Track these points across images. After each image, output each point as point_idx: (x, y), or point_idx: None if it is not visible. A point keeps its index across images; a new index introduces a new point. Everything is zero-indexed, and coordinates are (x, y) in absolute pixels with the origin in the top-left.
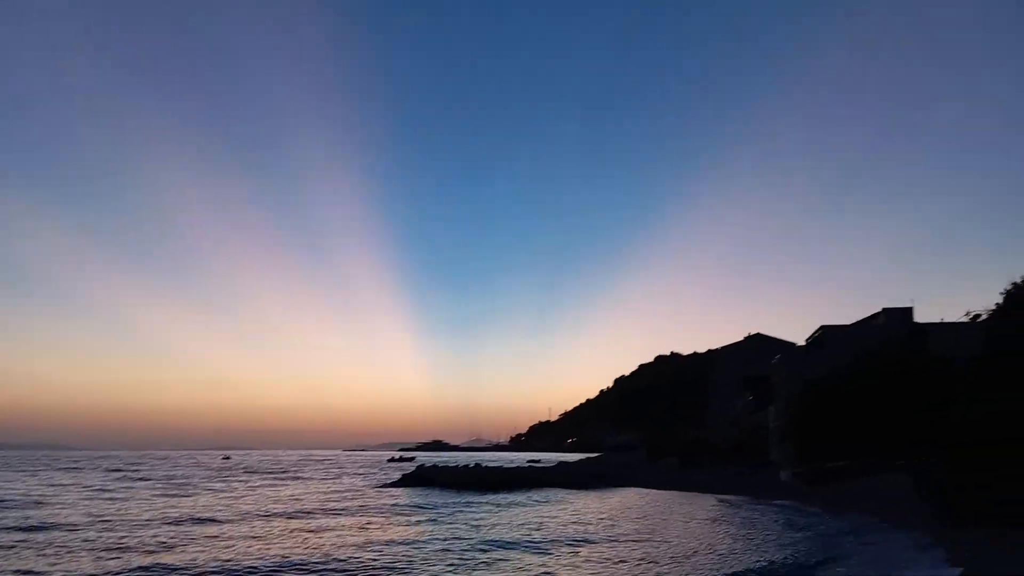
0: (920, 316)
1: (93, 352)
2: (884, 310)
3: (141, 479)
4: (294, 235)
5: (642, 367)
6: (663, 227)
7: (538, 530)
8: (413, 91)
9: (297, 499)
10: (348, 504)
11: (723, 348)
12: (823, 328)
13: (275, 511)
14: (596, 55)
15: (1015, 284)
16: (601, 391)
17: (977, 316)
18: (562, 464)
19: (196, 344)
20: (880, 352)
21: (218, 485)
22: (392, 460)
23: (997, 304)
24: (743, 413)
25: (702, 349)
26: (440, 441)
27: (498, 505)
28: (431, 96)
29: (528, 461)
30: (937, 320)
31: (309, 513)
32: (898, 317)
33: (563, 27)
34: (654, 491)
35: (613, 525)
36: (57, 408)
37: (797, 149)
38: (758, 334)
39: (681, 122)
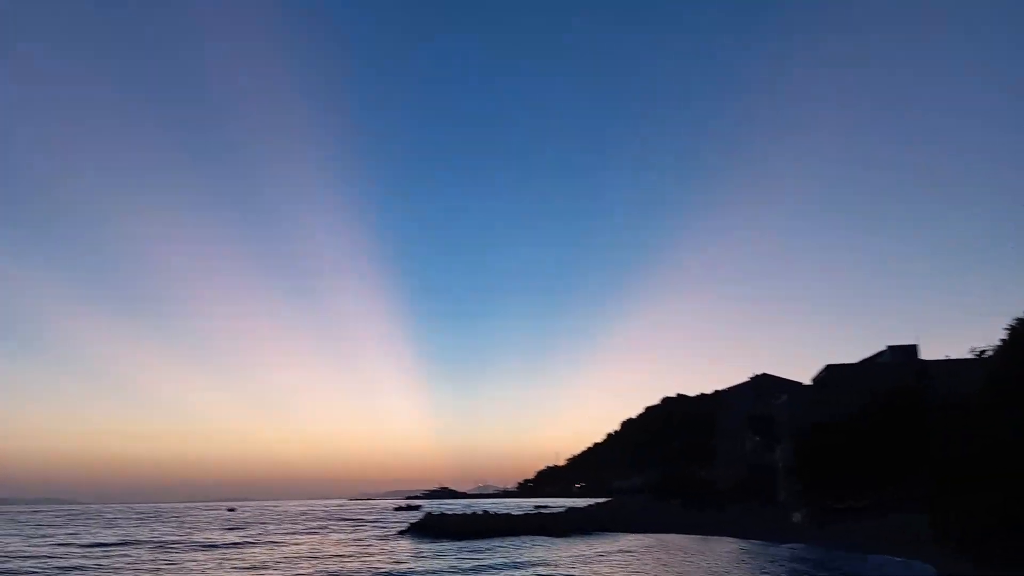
0: (925, 351)
1: (94, 405)
2: (889, 348)
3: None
4: (289, 286)
5: (649, 409)
6: (664, 266)
7: None
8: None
9: (312, 555)
10: (355, 555)
11: (729, 389)
12: (828, 368)
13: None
14: (590, 81)
15: (1019, 320)
16: (608, 435)
17: (982, 352)
18: (572, 510)
19: (191, 396)
20: (885, 393)
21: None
22: (399, 509)
23: (1002, 340)
24: (750, 453)
25: (708, 390)
26: (447, 488)
27: (509, 553)
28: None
29: (536, 507)
30: (942, 356)
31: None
32: (903, 354)
33: (553, 56)
34: (664, 535)
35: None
36: (67, 462)
37: (799, 186)
38: (764, 374)
39: (681, 157)
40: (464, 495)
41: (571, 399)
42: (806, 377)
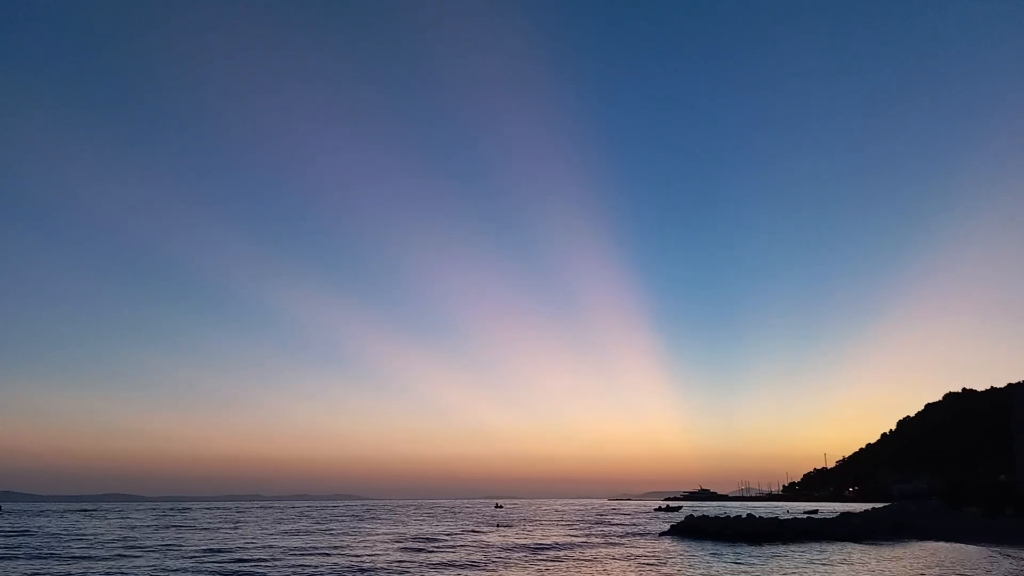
0: None
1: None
2: None
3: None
4: (553, 305)
5: (929, 406)
6: (938, 247)
7: None
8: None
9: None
10: (622, 552)
11: None
12: None
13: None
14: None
15: None
16: (883, 434)
17: None
18: (847, 515)
19: (467, 403)
20: None
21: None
22: (659, 509)
23: None
24: None
25: (999, 383)
26: (706, 490)
27: (785, 559)
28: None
29: (805, 512)
30: None
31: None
32: None
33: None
34: (965, 545)
35: None
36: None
37: None
38: None
39: (955, 128)
40: (724, 497)
41: (838, 397)
42: None
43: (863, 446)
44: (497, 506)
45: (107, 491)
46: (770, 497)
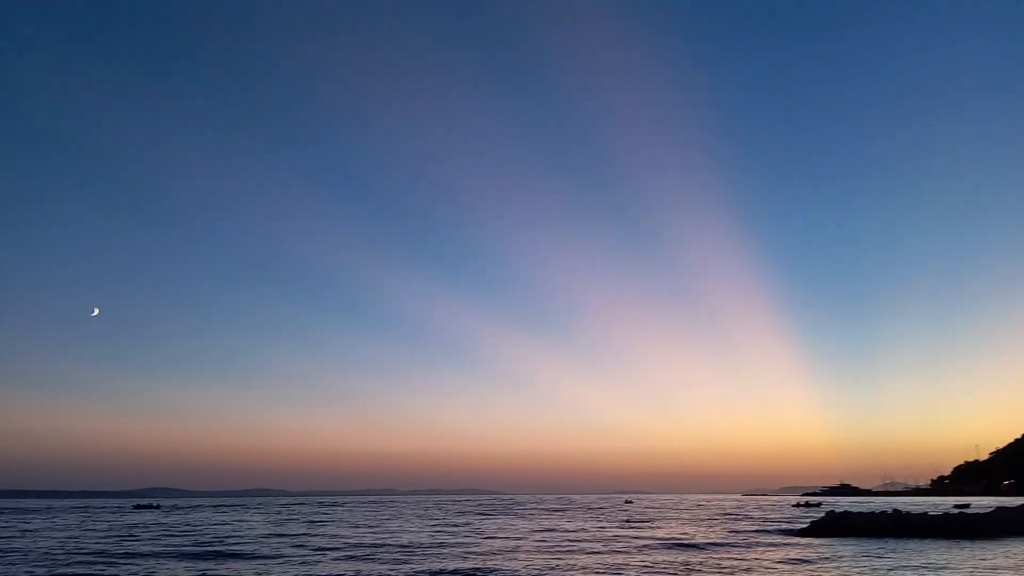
0: None
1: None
2: None
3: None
4: (666, 282)
5: None
6: None
7: None
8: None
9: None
10: (767, 551)
11: None
12: None
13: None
14: None
15: None
16: None
17: None
18: (1002, 509)
19: (589, 396)
20: None
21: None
22: (797, 506)
23: None
24: None
25: None
26: (848, 485)
27: (934, 553)
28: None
29: (955, 506)
30: None
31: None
32: None
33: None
34: None
35: None
36: (475, 457)
37: None
38: None
39: None
40: (867, 492)
41: (991, 382)
42: None
43: (1020, 436)
44: (627, 501)
45: (252, 487)
46: (916, 492)
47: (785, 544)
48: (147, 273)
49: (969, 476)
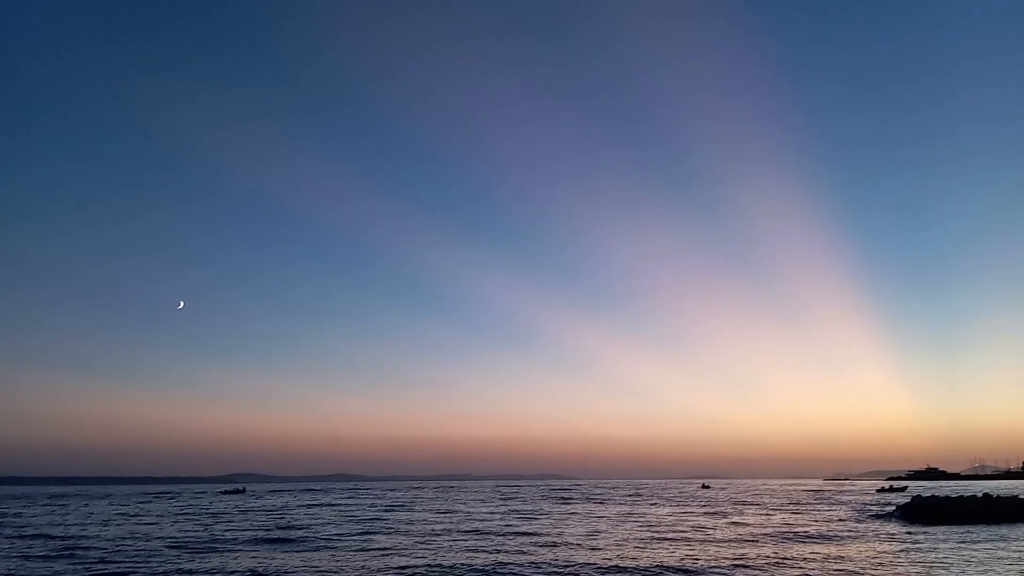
0: None
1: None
2: None
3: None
4: (740, 261)
5: None
6: None
7: None
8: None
9: (786, 528)
10: (832, 538)
11: None
12: None
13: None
14: None
15: None
16: None
17: None
18: None
19: (662, 381)
20: None
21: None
22: (882, 490)
23: None
24: None
25: None
26: (934, 468)
27: None
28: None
29: None
30: None
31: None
32: None
33: None
34: None
35: None
36: (547, 442)
37: None
38: None
39: None
40: (955, 476)
41: None
42: None
43: None
44: (704, 486)
45: (333, 472)
46: (1008, 475)
47: (875, 528)
48: (226, 265)
49: None
